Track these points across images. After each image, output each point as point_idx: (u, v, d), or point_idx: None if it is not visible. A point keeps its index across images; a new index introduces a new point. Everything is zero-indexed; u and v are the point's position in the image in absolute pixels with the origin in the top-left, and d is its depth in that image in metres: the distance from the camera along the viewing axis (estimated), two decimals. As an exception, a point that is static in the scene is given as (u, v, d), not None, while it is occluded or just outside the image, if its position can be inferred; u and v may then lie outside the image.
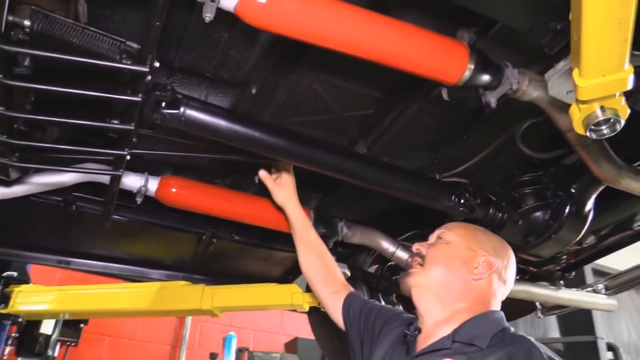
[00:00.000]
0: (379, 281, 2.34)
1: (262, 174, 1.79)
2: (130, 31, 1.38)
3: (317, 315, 2.57)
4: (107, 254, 2.32)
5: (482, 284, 1.32)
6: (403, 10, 1.32)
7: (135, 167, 1.75)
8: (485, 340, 1.20)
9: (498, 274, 1.34)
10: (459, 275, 1.32)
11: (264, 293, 2.25)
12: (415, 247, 1.44)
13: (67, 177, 1.68)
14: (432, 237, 1.48)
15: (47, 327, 2.73)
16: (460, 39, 1.34)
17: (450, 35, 1.33)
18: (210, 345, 4.35)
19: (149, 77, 1.21)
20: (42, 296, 2.48)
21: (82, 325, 2.99)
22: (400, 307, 2.15)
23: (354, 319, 1.58)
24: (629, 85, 1.01)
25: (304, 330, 4.66)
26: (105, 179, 1.72)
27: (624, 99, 1.08)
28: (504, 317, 1.32)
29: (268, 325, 4.89)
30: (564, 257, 2.42)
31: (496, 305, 1.35)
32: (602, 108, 1.08)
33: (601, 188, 1.70)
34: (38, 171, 1.64)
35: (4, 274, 2.54)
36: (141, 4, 1.38)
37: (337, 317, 1.65)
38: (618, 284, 2.64)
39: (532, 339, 1.19)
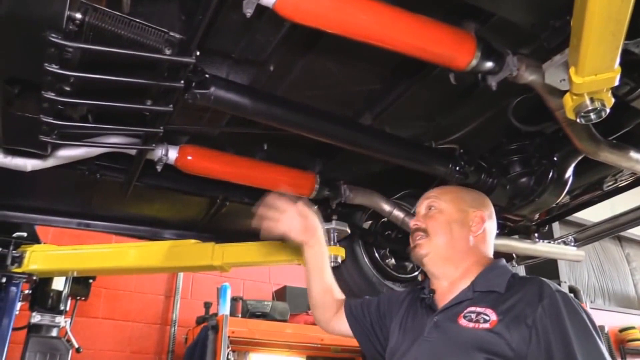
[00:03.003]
0: (375, 237, 2.54)
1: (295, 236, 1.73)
2: (155, 14, 1.48)
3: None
4: (122, 216, 2.45)
5: (480, 236, 1.50)
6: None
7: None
8: (502, 286, 1.36)
9: (489, 222, 1.53)
10: (461, 236, 1.48)
11: (272, 250, 2.42)
12: (413, 223, 1.55)
13: (96, 150, 1.79)
14: (422, 208, 1.58)
15: (58, 283, 2.86)
16: (466, 28, 1.48)
17: (455, 24, 1.47)
18: (203, 295, 4.55)
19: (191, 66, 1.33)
20: (54, 255, 2.60)
21: (90, 281, 3.12)
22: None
23: (358, 314, 1.69)
24: (616, 82, 1.19)
25: (292, 278, 4.92)
26: (130, 151, 1.83)
27: (610, 91, 1.26)
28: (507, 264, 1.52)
29: (257, 275, 5.12)
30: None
31: (491, 250, 1.54)
32: (591, 99, 1.27)
33: (580, 157, 1.91)
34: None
35: (15, 235, 2.62)
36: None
37: (344, 327, 1.70)
38: (586, 236, 2.89)
39: (541, 278, 1.36)
